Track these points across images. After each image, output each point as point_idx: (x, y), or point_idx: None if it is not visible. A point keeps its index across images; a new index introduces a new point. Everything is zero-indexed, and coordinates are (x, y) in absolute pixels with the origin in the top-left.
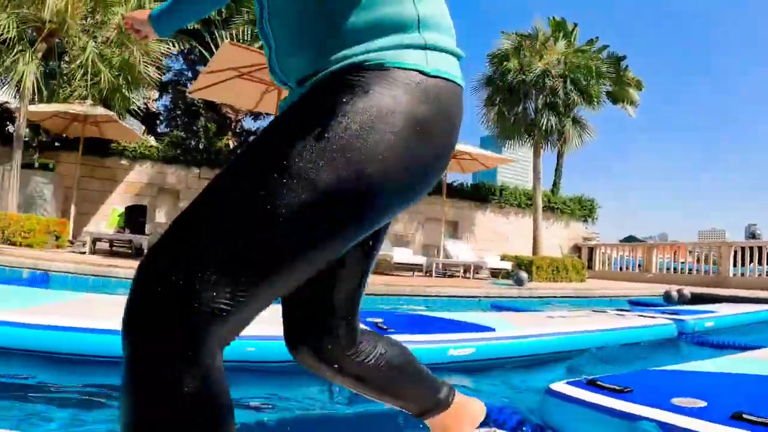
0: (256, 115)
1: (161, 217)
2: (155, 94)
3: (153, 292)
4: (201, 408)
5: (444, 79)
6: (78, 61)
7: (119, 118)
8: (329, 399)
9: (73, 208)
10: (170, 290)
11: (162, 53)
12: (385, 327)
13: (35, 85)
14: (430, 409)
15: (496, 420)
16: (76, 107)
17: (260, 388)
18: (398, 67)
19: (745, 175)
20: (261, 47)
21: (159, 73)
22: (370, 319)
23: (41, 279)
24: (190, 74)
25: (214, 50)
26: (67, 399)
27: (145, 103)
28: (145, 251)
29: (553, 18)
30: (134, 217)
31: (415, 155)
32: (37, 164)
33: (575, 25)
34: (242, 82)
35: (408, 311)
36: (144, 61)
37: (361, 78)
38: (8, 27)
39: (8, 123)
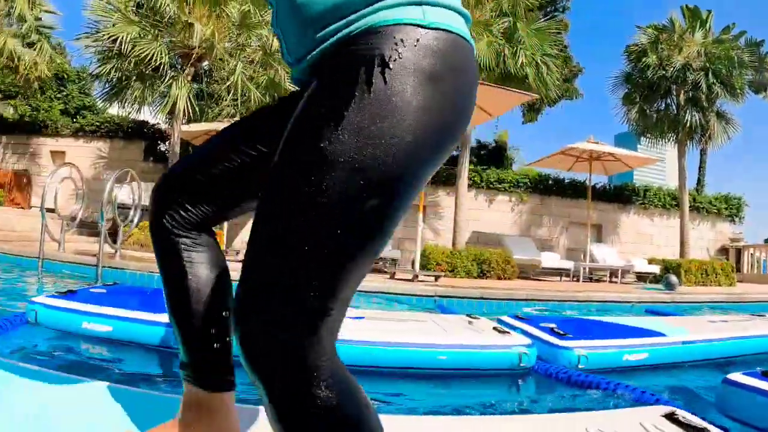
0: None
1: None
2: None
3: (265, 322)
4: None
5: (445, 30)
6: (228, 83)
7: None
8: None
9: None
10: (278, 315)
11: None
12: (561, 332)
13: (187, 107)
14: (198, 373)
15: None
16: (224, 126)
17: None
18: (395, 24)
19: None
20: None
21: None
22: (543, 324)
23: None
24: None
25: None
26: None
27: None
28: None
29: (686, 7)
30: None
31: (436, 108)
32: None
33: (709, 12)
34: None
35: (574, 317)
36: (288, 80)
37: (364, 47)
38: (160, 54)
39: (160, 142)
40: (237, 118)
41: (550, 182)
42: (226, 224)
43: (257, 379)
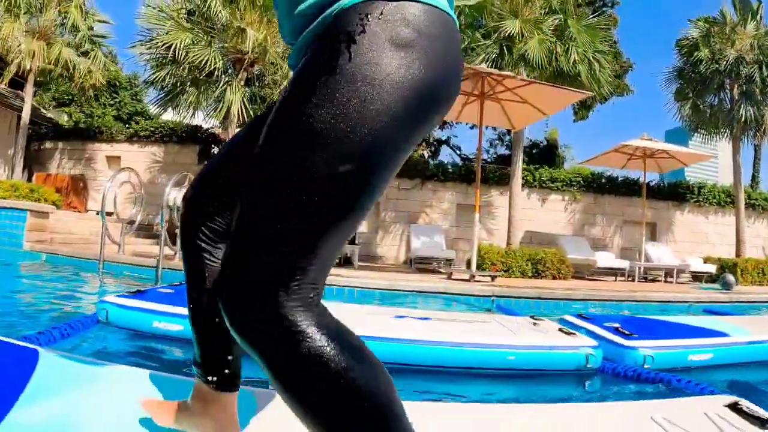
0: (443, 125)
1: (363, 227)
2: None
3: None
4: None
5: (420, 2)
6: (280, 86)
7: None
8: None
9: None
10: (261, 276)
11: None
12: (626, 332)
13: (240, 111)
14: (207, 371)
15: None
16: None
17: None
18: (362, 2)
19: None
20: (466, 61)
21: None
22: (607, 324)
23: None
24: None
25: None
26: None
27: None
28: (356, 260)
29: None
30: None
31: (405, 74)
32: None
33: (759, 3)
34: None
35: (637, 316)
36: None
37: (333, 28)
38: (214, 60)
39: (213, 146)
40: None
41: (603, 181)
42: None
43: (248, 346)
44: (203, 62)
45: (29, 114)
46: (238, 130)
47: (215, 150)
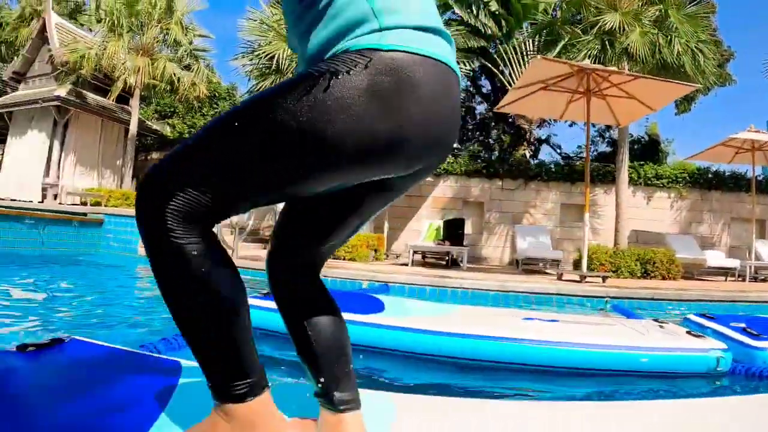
0: (541, 123)
1: (468, 228)
2: None
3: (157, 191)
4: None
5: (401, 51)
6: None
7: None
8: None
9: (386, 225)
10: (164, 189)
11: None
12: (754, 332)
13: None
14: (321, 395)
15: None
16: None
17: None
18: (357, 49)
19: None
20: (566, 57)
21: (463, 96)
22: (734, 324)
23: (383, 289)
24: (473, 89)
25: (500, 63)
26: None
27: None
28: (464, 262)
29: None
30: (453, 230)
31: (372, 120)
32: None
33: None
34: (547, 93)
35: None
36: None
37: (324, 64)
38: None
39: None
40: None
41: (710, 176)
42: (386, 229)
43: (137, 221)
44: None
45: (136, 126)
46: None
47: None
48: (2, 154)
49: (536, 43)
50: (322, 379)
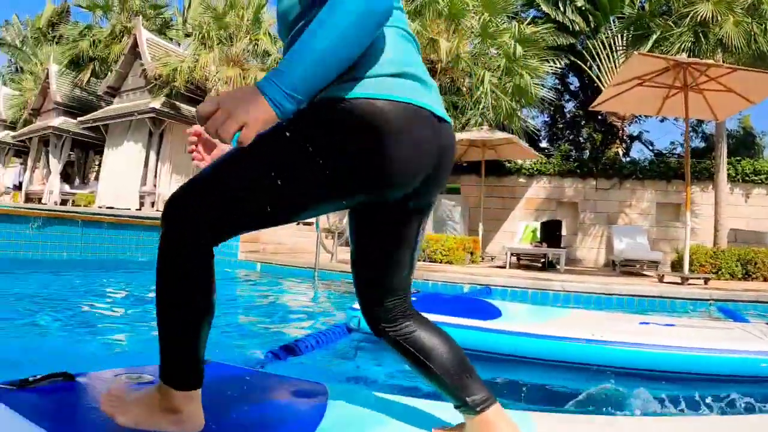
0: (632, 119)
1: (563, 230)
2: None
3: (179, 215)
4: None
5: (375, 99)
6: (478, 92)
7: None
8: None
9: (480, 227)
10: (187, 212)
11: (547, 72)
12: None
13: None
14: (458, 405)
15: None
16: (475, 134)
17: None
18: (337, 98)
19: None
20: (659, 51)
21: (553, 95)
22: None
23: (485, 292)
24: (561, 87)
25: (589, 59)
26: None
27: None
28: (562, 264)
29: None
30: (550, 232)
31: (326, 164)
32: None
33: None
34: (643, 89)
35: None
36: (534, 84)
37: (322, 112)
38: None
39: None
40: (485, 126)
41: None
42: (481, 231)
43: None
44: None
45: None
46: None
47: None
48: (99, 165)
49: (625, 37)
50: (454, 393)
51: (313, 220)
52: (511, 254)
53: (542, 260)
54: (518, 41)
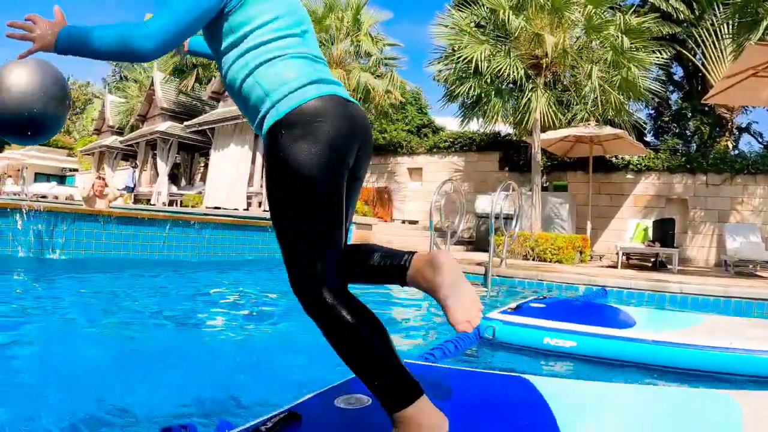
0: (740, 110)
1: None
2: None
3: (302, 283)
4: (349, 314)
5: (296, 108)
6: (585, 87)
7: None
8: None
9: (588, 225)
10: (305, 278)
11: (653, 63)
12: None
13: (548, 115)
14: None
15: None
16: (582, 130)
17: None
18: (274, 120)
19: None
20: None
21: (661, 87)
22: None
23: (601, 294)
24: (664, 78)
25: (694, 47)
26: None
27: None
28: (675, 264)
29: None
30: (663, 230)
31: (317, 152)
32: (547, 185)
33: None
34: (757, 80)
35: None
36: (642, 76)
37: (271, 133)
38: (516, 68)
39: (512, 152)
40: (592, 122)
41: None
42: (589, 229)
43: (313, 318)
44: (503, 71)
45: None
46: (542, 135)
47: (515, 156)
48: (205, 166)
49: (732, 24)
50: (398, 263)
51: (419, 218)
52: (624, 254)
53: (652, 260)
54: (624, 32)
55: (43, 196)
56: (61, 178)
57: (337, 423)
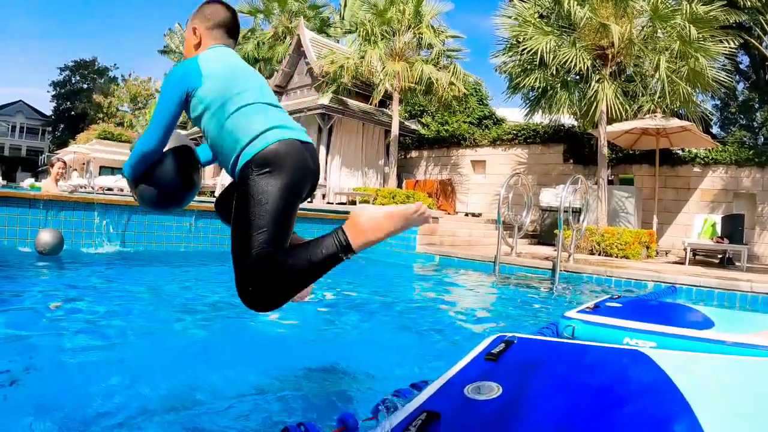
0: None
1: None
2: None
3: (252, 258)
4: (292, 267)
5: (273, 143)
6: (655, 78)
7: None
8: None
9: (654, 219)
10: (258, 254)
11: (720, 53)
12: None
13: (614, 107)
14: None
15: None
16: (648, 122)
17: None
18: (245, 161)
19: None
20: None
21: (728, 77)
22: None
23: (670, 292)
24: (731, 67)
25: (761, 35)
26: None
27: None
28: (744, 262)
29: None
30: (732, 226)
31: (279, 186)
32: (613, 179)
33: None
34: None
35: None
36: (711, 66)
37: (243, 173)
38: (582, 59)
39: (579, 145)
40: (659, 113)
41: None
42: (655, 224)
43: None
44: (569, 62)
45: (398, 128)
46: (608, 127)
47: (582, 148)
48: None
49: None
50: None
51: (482, 210)
52: (692, 250)
53: (719, 256)
54: (691, 21)
55: (109, 189)
56: None
57: (477, 419)
